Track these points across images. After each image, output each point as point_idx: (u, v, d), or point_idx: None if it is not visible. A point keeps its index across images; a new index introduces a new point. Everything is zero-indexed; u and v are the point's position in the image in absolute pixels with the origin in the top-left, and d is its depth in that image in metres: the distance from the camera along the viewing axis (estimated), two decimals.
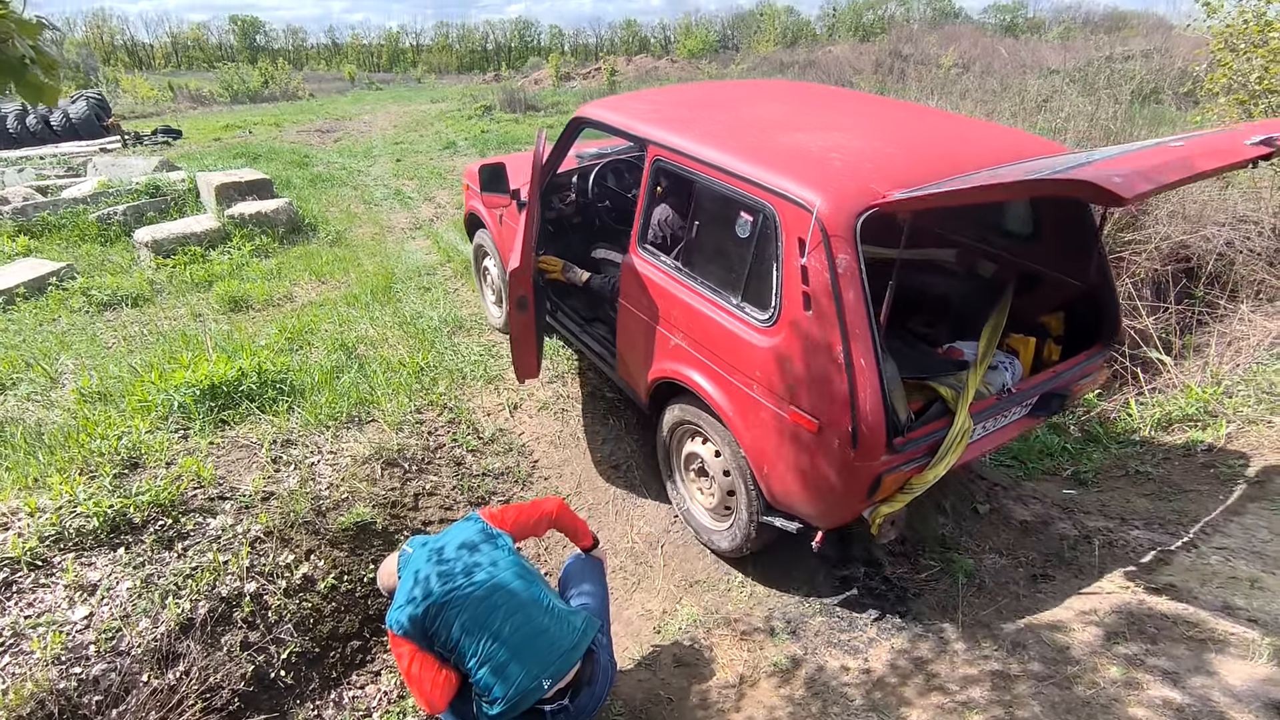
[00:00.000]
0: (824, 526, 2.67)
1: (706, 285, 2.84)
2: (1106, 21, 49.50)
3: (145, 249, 6.87)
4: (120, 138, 16.60)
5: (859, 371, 2.27)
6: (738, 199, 2.63)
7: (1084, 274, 2.96)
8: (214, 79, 39.70)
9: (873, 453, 2.33)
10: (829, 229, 2.28)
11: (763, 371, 2.57)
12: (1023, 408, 2.82)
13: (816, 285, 2.33)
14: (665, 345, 3.07)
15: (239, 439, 3.38)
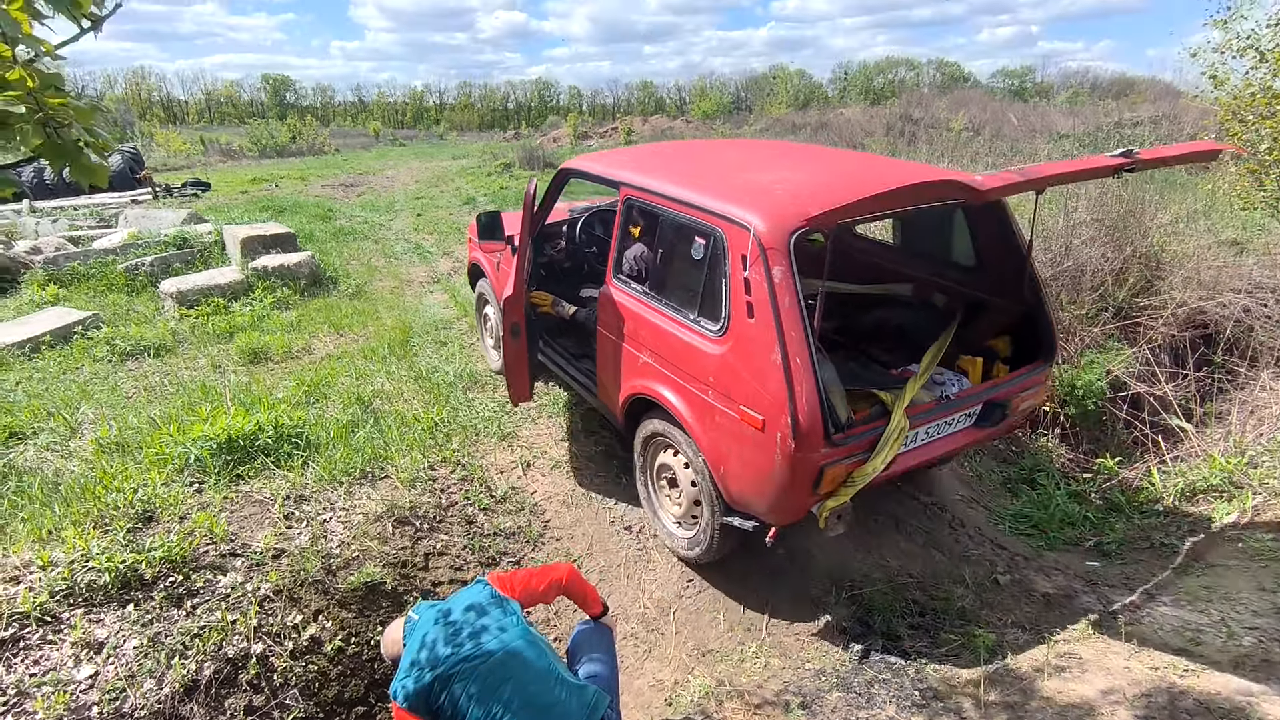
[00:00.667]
0: (776, 523, 2.87)
1: (669, 305, 3.17)
2: (1114, 87, 50.53)
3: (170, 300, 7.02)
4: (152, 190, 17.14)
5: (795, 370, 2.55)
6: (693, 225, 3.00)
7: (1020, 297, 3.27)
8: (244, 134, 41.13)
9: (812, 445, 2.57)
10: (766, 245, 2.63)
11: (716, 377, 2.86)
12: (967, 417, 3.10)
13: (757, 295, 2.65)
14: (635, 364, 3.36)
15: (253, 494, 3.39)
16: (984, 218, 3.39)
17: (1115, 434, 4.66)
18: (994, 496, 4.22)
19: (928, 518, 3.85)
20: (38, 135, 1.18)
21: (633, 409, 3.49)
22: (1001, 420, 3.17)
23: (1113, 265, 5.10)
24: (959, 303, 3.54)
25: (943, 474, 4.19)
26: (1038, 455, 4.52)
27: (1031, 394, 3.24)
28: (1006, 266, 3.34)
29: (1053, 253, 5.16)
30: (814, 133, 23.76)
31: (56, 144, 1.19)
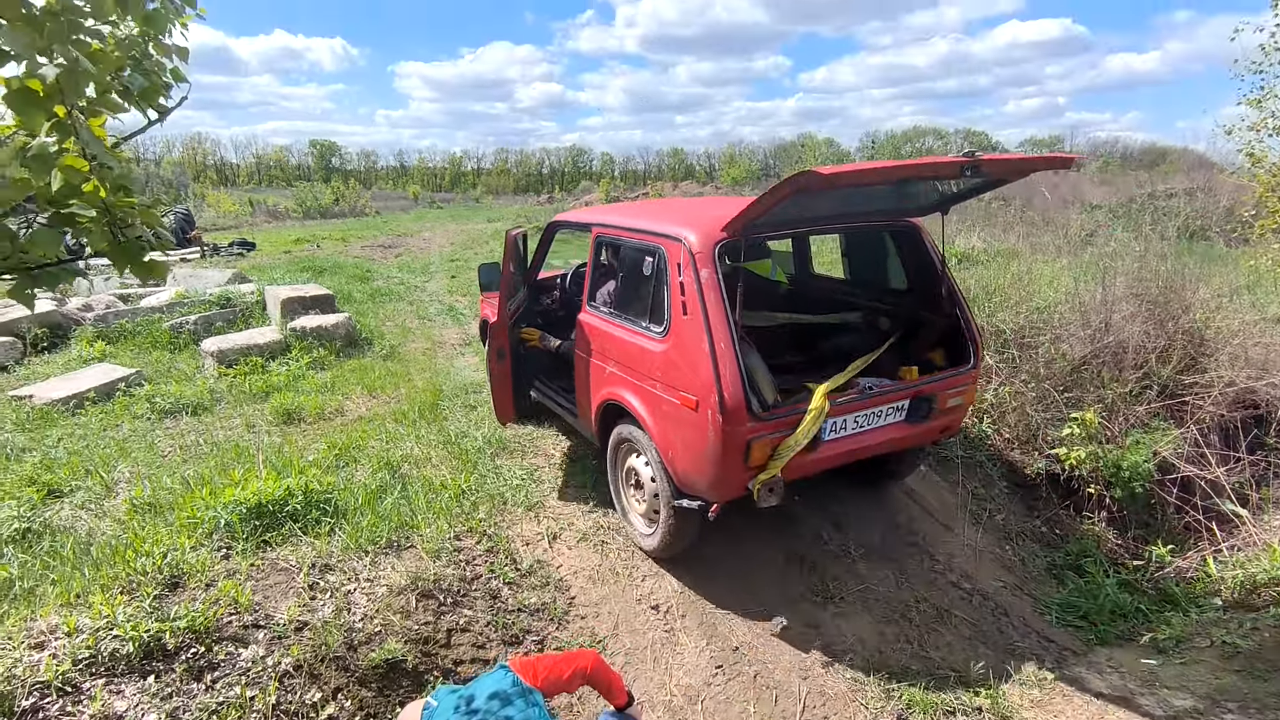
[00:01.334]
0: (717, 499, 3.29)
1: (627, 319, 3.75)
2: (1145, 157, 50.58)
3: (210, 358, 7.20)
4: (200, 249, 17.85)
5: (720, 355, 3.06)
6: (644, 246, 3.65)
7: (943, 311, 3.82)
8: (290, 196, 42.94)
9: (738, 419, 3.02)
10: (695, 253, 3.24)
11: (661, 370, 3.38)
12: (896, 411, 3.56)
13: (689, 295, 3.21)
14: (603, 375, 3.90)
15: (279, 561, 3.37)
16: (907, 244, 4.01)
17: (1166, 519, 4.45)
18: (1038, 583, 4.03)
19: (971, 606, 3.68)
20: (104, 239, 1.24)
21: (604, 419, 3.99)
22: (929, 414, 3.61)
23: (1155, 342, 4.98)
24: (900, 322, 4.11)
25: (974, 550, 4.03)
26: (1083, 540, 4.33)
27: (956, 393, 3.66)
28: (931, 286, 3.87)
29: (1092, 328, 5.07)
30: None
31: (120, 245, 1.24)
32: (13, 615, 2.94)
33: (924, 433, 3.68)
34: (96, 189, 1.20)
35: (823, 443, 3.32)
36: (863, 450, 3.51)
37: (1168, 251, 7.37)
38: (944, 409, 3.63)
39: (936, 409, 3.59)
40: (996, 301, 5.80)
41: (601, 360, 3.91)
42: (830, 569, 3.87)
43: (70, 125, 1.18)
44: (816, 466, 3.41)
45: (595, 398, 3.98)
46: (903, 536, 4.22)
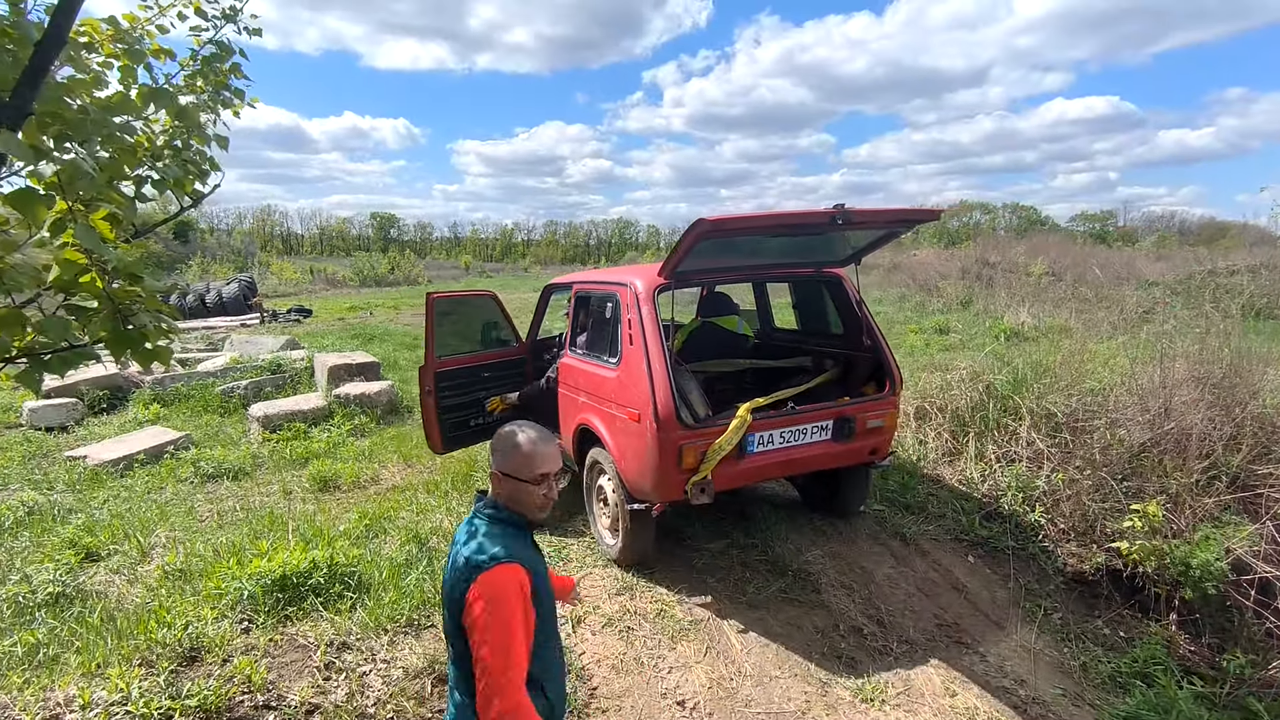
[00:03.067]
0: (660, 499, 3.97)
1: (593, 355, 4.55)
2: (1204, 232, 49.41)
3: (256, 423, 7.38)
4: (260, 315, 18.66)
5: (655, 375, 3.80)
6: (606, 294, 4.50)
7: (865, 347, 4.55)
8: (348, 265, 44.88)
9: (669, 427, 3.72)
10: (639, 294, 4.07)
11: (614, 393, 4.14)
12: (821, 430, 4.15)
13: (634, 328, 4.02)
14: (577, 404, 4.64)
15: (297, 637, 3.31)
16: (836, 293, 4.80)
17: (1245, 624, 4.06)
18: (1102, 692, 3.68)
19: (1028, 717, 3.38)
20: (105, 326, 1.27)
21: (579, 444, 4.67)
22: (852, 434, 4.19)
23: (1221, 429, 4.68)
24: (838, 361, 4.79)
25: (1029, 651, 3.72)
26: (1152, 644, 3.97)
27: (874, 416, 4.26)
28: (857, 330, 4.62)
29: (1151, 414, 4.80)
30: (886, 274, 23.95)
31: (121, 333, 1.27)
32: (34, 684, 2.93)
33: (851, 451, 4.27)
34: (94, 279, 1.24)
35: (750, 454, 3.97)
36: (792, 463, 4.18)
37: (1231, 330, 7.04)
38: (865, 430, 4.24)
39: (857, 430, 4.20)
40: (1047, 382, 5.57)
41: (574, 393, 4.70)
42: (870, 665, 3.62)
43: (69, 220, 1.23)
44: (747, 476, 4.09)
45: (571, 424, 4.71)
46: (949, 633, 3.94)
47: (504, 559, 1.67)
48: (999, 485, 4.87)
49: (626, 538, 4.20)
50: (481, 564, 1.65)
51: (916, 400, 6.07)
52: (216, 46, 2.10)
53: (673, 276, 4.04)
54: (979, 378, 5.83)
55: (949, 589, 4.33)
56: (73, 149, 1.26)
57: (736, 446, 3.84)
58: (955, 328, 13.01)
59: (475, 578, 1.64)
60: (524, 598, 1.66)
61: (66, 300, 1.25)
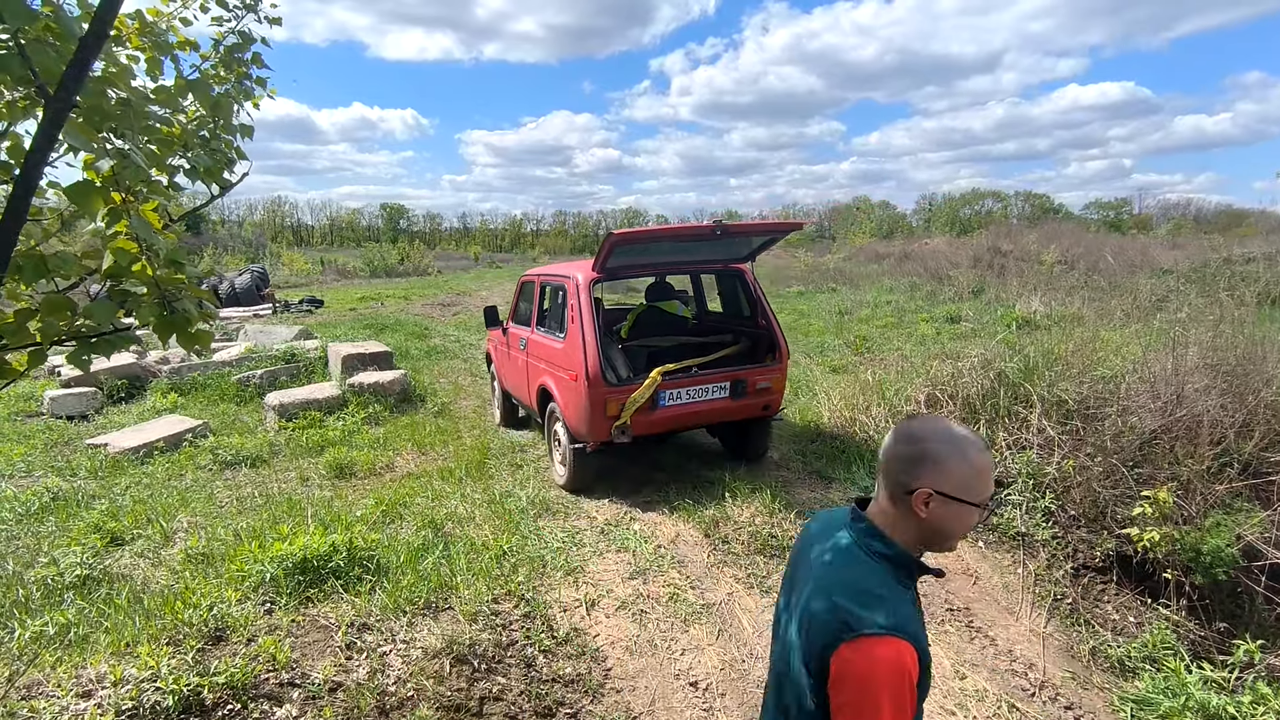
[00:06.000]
0: (592, 439, 5.04)
1: (548, 331, 5.71)
2: (1220, 220, 48.73)
3: (272, 412, 7.47)
4: (273, 306, 18.80)
5: (588, 346, 4.96)
6: (558, 284, 5.70)
7: (760, 326, 5.82)
8: (359, 255, 45.03)
9: (597, 385, 4.89)
10: (579, 285, 5.22)
11: (561, 361, 5.30)
12: (720, 389, 5.28)
13: (574, 312, 5.16)
14: (538, 370, 5.81)
15: (319, 618, 3.39)
16: (741, 283, 6.00)
17: (1255, 610, 4.08)
18: (1110, 676, 3.72)
19: (1037, 701, 3.42)
20: (152, 312, 1.32)
21: (540, 399, 5.83)
22: (745, 393, 5.31)
23: (1234, 416, 4.68)
24: (746, 337, 5.98)
25: (1039, 636, 3.75)
26: (1161, 630, 4.00)
27: (761, 379, 5.35)
28: (757, 311, 5.86)
29: (1162, 401, 4.80)
30: (897, 263, 23.83)
31: (167, 318, 1.33)
32: (66, 662, 3.02)
33: (745, 406, 5.38)
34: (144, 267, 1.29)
35: (661, 406, 5.11)
36: (697, 415, 5.30)
37: (1245, 318, 7.00)
38: (755, 390, 5.34)
39: (749, 390, 5.32)
40: (1058, 370, 5.57)
41: (537, 360, 5.86)
42: None
43: (124, 211, 1.28)
44: (661, 424, 5.19)
45: (535, 385, 5.91)
46: (959, 617, 3.99)
47: (896, 632, 1.29)
48: (1010, 472, 4.89)
49: (571, 469, 5.36)
50: (864, 627, 1.29)
51: (928, 388, 6.09)
52: (239, 37, 2.14)
53: (602, 272, 5.28)
54: (990, 365, 5.83)
55: (960, 574, 4.37)
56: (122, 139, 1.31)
57: (650, 400, 5.00)
58: (967, 316, 12.96)
59: (849, 640, 1.29)
60: (907, 688, 1.28)
61: (117, 286, 1.30)
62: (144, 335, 12.46)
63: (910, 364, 7.80)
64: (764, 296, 5.81)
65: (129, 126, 1.34)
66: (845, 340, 11.37)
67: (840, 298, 17.50)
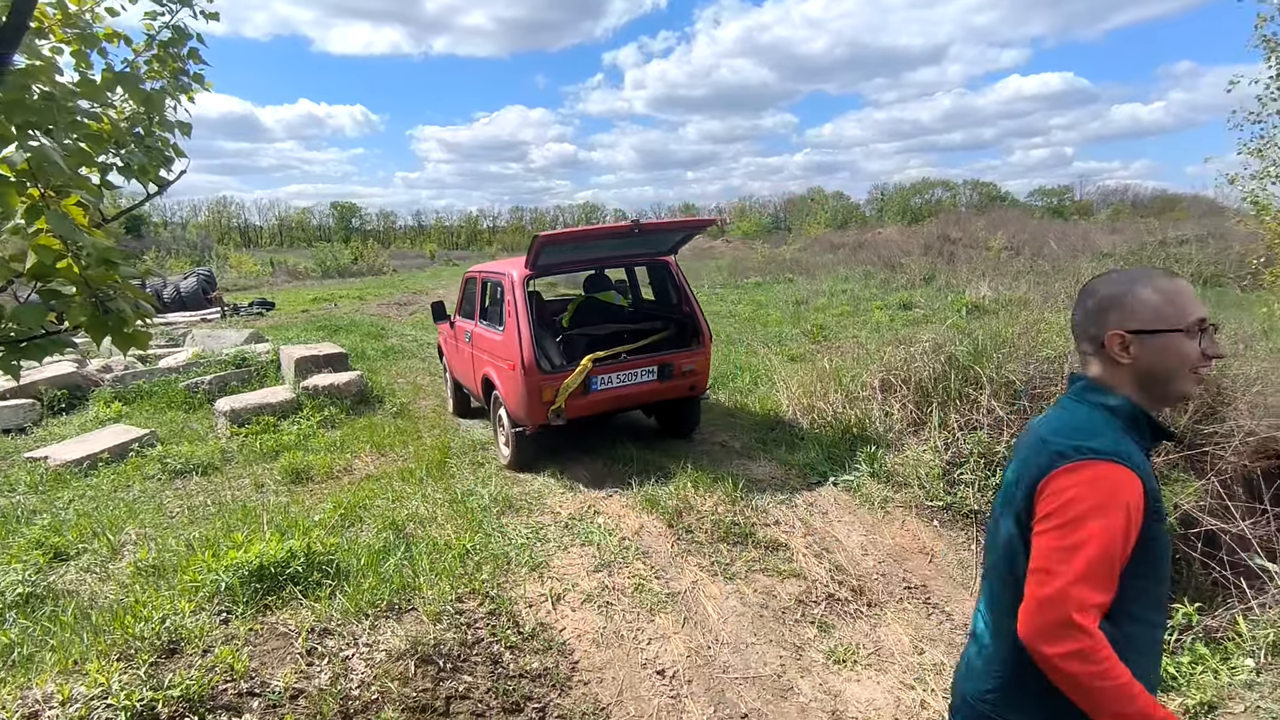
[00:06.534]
0: (530, 423, 5.46)
1: (489, 325, 6.10)
2: (1155, 204, 50.79)
3: (223, 418, 7.27)
4: (221, 309, 18.24)
5: (523, 338, 5.32)
6: (496, 281, 6.05)
7: (685, 313, 6.21)
8: (310, 256, 43.96)
9: (532, 373, 5.27)
10: (514, 281, 5.57)
11: (501, 352, 5.64)
12: (649, 373, 5.66)
13: (510, 305, 5.54)
14: (482, 360, 6.19)
15: (278, 626, 3.32)
16: (669, 274, 6.37)
17: (1193, 575, 4.28)
18: None
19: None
20: (83, 312, 1.28)
21: (485, 389, 6.20)
22: (672, 376, 5.71)
23: None
24: (674, 324, 6.37)
25: None
26: None
27: (686, 362, 5.78)
28: (682, 298, 6.25)
29: None
30: (852, 252, 24.25)
31: (99, 318, 1.28)
32: (9, 683, 2.90)
33: (673, 387, 5.79)
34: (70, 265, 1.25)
35: (594, 390, 5.48)
36: (628, 397, 5.70)
37: None
38: (681, 372, 5.75)
39: (675, 372, 5.71)
40: (1006, 352, 5.75)
41: (480, 352, 6.24)
42: (842, 629, 3.76)
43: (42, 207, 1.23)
44: (594, 407, 5.59)
45: (479, 375, 6.28)
46: (917, 595, 4.10)
47: (1116, 457, 1.20)
48: (962, 452, 5.03)
49: (513, 450, 5.79)
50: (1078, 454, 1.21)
51: (882, 373, 6.22)
52: (173, 31, 2.08)
53: (534, 269, 5.68)
54: (941, 350, 5.99)
55: (917, 553, 4.49)
56: (38, 136, 1.26)
57: (582, 385, 5.36)
58: (919, 303, 13.27)
59: (1061, 467, 1.22)
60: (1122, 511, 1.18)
61: (45, 286, 1.25)
62: (84, 343, 11.98)
63: (866, 351, 7.96)
64: (688, 285, 6.24)
65: (53, 122, 1.29)
66: (802, 329, 11.54)
67: (797, 288, 17.73)
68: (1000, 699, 1.39)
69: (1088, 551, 1.16)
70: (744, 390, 7.84)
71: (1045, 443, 1.28)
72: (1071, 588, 1.16)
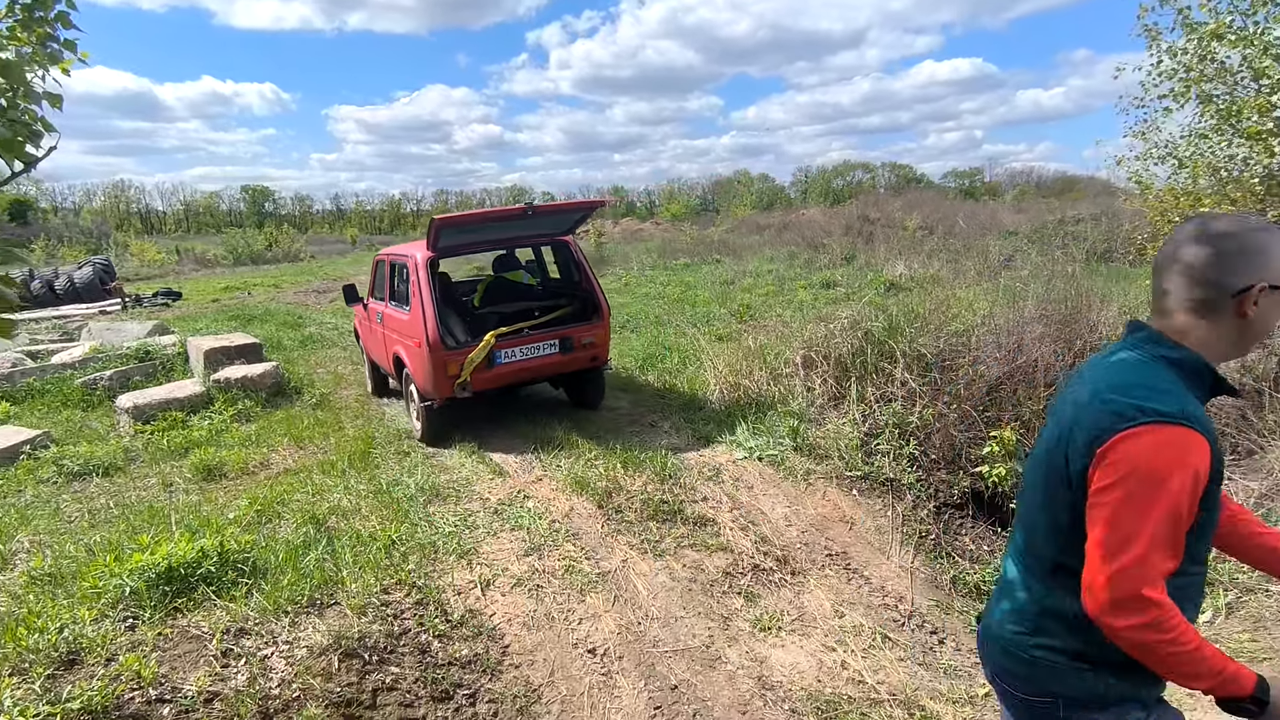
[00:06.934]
0: (437, 397, 5.75)
1: (398, 305, 6.30)
2: (1056, 185, 53.83)
3: (126, 415, 6.85)
4: (121, 300, 17.10)
5: (428, 316, 5.59)
6: (402, 262, 6.25)
7: (582, 289, 6.57)
8: (220, 243, 41.65)
9: (437, 349, 5.56)
10: (418, 263, 5.83)
11: (408, 330, 5.93)
12: (551, 347, 5.99)
13: (414, 286, 5.81)
14: (392, 339, 6.46)
15: (189, 628, 3.18)
16: (569, 254, 6.78)
17: None
18: (968, 600, 4.12)
19: (906, 628, 3.73)
20: None
21: (397, 367, 6.47)
22: (573, 349, 6.04)
23: (1064, 360, 5.24)
24: (577, 301, 6.61)
25: (907, 571, 4.10)
26: None
27: (585, 336, 6.12)
28: (582, 277, 6.59)
29: (1006, 350, 5.30)
30: (777, 233, 24.75)
31: None
32: None
33: (575, 359, 6.12)
34: None
35: (498, 364, 5.77)
36: (532, 369, 6.01)
37: (1075, 273, 7.80)
38: (581, 345, 6.09)
39: (575, 345, 6.04)
40: (918, 327, 6.01)
41: (391, 331, 6.52)
42: (767, 598, 3.88)
43: None
44: (499, 380, 5.89)
45: (390, 354, 6.57)
46: (837, 561, 4.27)
47: (1185, 420, 1.16)
48: (878, 423, 5.25)
49: (424, 424, 6.07)
50: (1144, 416, 1.17)
51: (804, 350, 6.40)
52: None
53: (436, 251, 5.96)
54: (858, 326, 6.21)
55: (837, 522, 4.67)
56: None
57: (486, 359, 5.64)
58: (840, 282, 13.68)
59: (1124, 430, 1.18)
60: (1191, 482, 1.16)
61: None
62: None
63: (789, 329, 8.17)
64: (587, 264, 6.65)
65: None
66: (730, 310, 11.72)
67: (724, 268, 17.97)
68: (1032, 642, 1.45)
69: (1155, 522, 1.14)
70: (673, 371, 7.92)
71: (1104, 400, 1.23)
72: (1141, 561, 1.15)
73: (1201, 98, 5.72)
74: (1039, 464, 1.43)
